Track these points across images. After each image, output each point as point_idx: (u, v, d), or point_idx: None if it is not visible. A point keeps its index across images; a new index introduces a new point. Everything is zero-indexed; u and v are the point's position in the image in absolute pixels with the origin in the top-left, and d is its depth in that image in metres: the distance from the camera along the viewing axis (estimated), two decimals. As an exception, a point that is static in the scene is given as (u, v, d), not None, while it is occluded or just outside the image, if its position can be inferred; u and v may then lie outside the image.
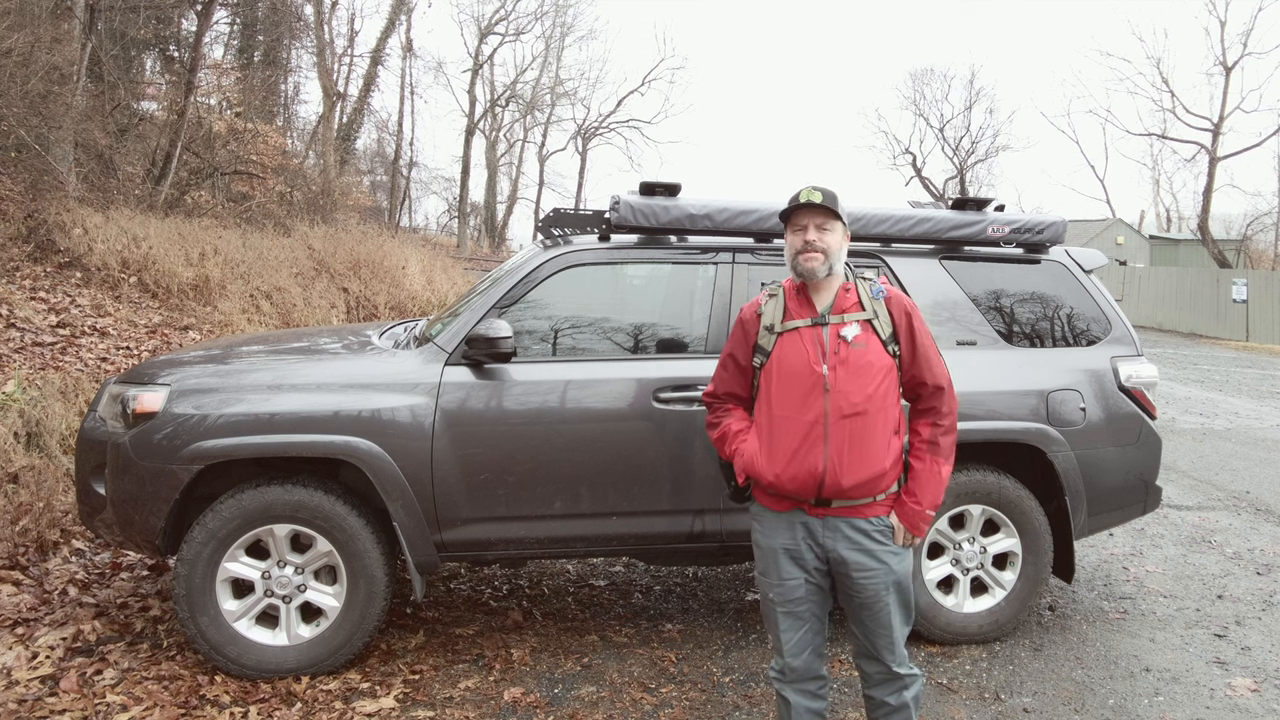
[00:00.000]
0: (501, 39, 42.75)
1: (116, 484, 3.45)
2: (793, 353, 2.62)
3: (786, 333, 2.65)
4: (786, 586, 2.66)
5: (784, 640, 2.69)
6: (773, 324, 2.68)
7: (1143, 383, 4.12)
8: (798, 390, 2.58)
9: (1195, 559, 5.33)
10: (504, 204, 47.83)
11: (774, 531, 2.68)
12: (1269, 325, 22.45)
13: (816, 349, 2.59)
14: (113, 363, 7.26)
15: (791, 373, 2.60)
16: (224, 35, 21.38)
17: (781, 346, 2.64)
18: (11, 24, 9.50)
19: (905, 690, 2.70)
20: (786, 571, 2.66)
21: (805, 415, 2.57)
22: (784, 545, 2.66)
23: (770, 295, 2.76)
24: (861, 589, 2.61)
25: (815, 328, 2.62)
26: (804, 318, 2.65)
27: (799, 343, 2.62)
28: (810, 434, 2.55)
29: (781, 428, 2.60)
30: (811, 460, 2.55)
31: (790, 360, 2.62)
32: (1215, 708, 3.53)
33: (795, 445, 2.57)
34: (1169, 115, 31.47)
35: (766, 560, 2.70)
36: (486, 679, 3.61)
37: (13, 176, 9.56)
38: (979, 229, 4.10)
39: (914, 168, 44.77)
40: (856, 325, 2.61)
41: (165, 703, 3.25)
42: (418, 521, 3.53)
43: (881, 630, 2.65)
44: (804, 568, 2.65)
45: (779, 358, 2.64)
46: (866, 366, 2.58)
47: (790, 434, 2.58)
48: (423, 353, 3.69)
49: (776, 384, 2.63)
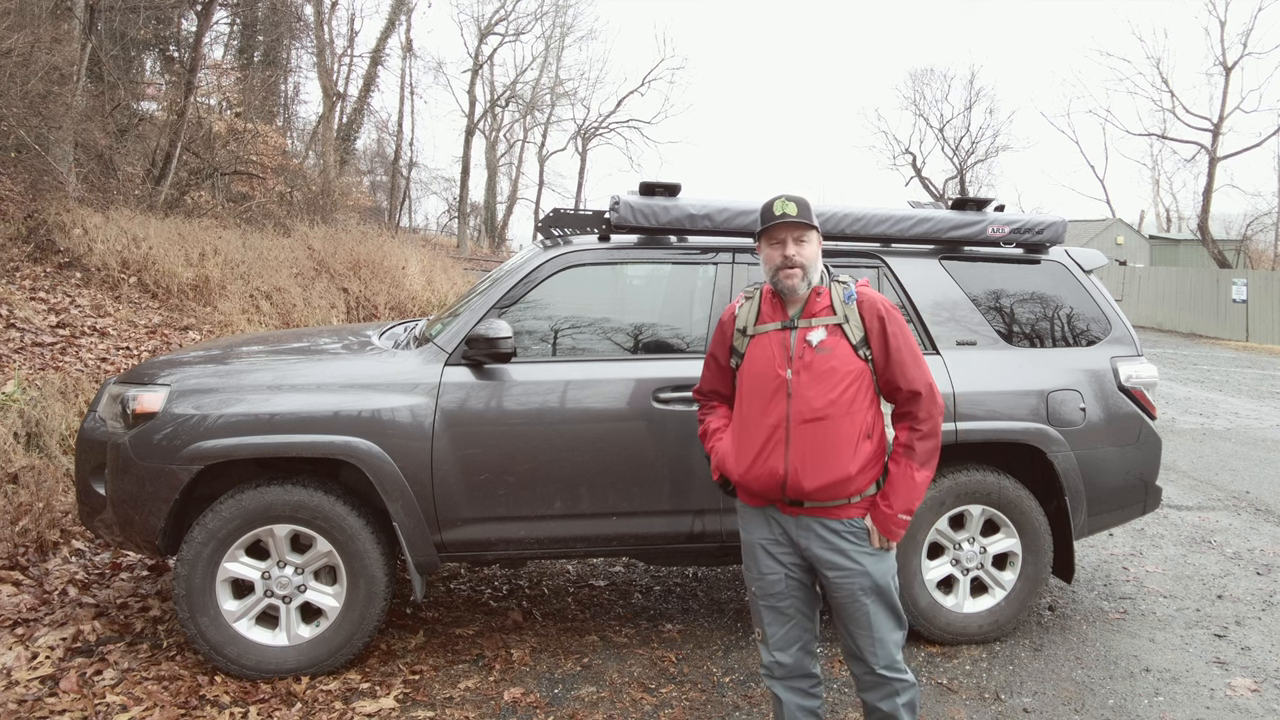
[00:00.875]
0: (501, 39, 42.78)
1: (116, 484, 3.45)
2: (760, 356, 2.66)
3: (757, 336, 2.69)
4: (766, 580, 2.71)
5: (769, 634, 2.73)
6: (745, 326, 2.73)
7: (1143, 383, 4.12)
8: (762, 393, 2.63)
9: (1195, 559, 5.33)
10: (504, 204, 47.88)
11: (752, 526, 2.75)
12: (1269, 325, 22.46)
13: (783, 353, 2.62)
14: (112, 363, 7.26)
15: (758, 376, 2.65)
16: (224, 35, 21.40)
17: (751, 350, 2.69)
18: (11, 24, 9.50)
19: (896, 697, 2.66)
20: (765, 565, 2.71)
21: (768, 419, 2.60)
22: (760, 540, 2.72)
23: (747, 297, 2.80)
24: (836, 588, 2.64)
25: (784, 331, 2.64)
26: (775, 321, 2.68)
27: (767, 346, 2.66)
28: (772, 437, 2.59)
29: (747, 430, 2.66)
30: (773, 463, 2.59)
31: (757, 364, 2.66)
32: (1215, 708, 3.53)
33: (758, 448, 2.62)
34: (1169, 115, 31.51)
35: (747, 554, 2.77)
36: (486, 679, 3.61)
37: (13, 176, 9.56)
38: (979, 229, 4.09)
39: (914, 168, 44.79)
40: (823, 330, 2.62)
41: (165, 703, 3.25)
42: (418, 522, 3.53)
43: (861, 631, 2.65)
44: (780, 562, 2.69)
45: (748, 361, 2.69)
46: (830, 372, 2.58)
47: (754, 436, 2.63)
48: (423, 353, 3.69)
49: (745, 386, 2.69)
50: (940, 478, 3.88)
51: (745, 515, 2.78)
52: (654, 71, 72.40)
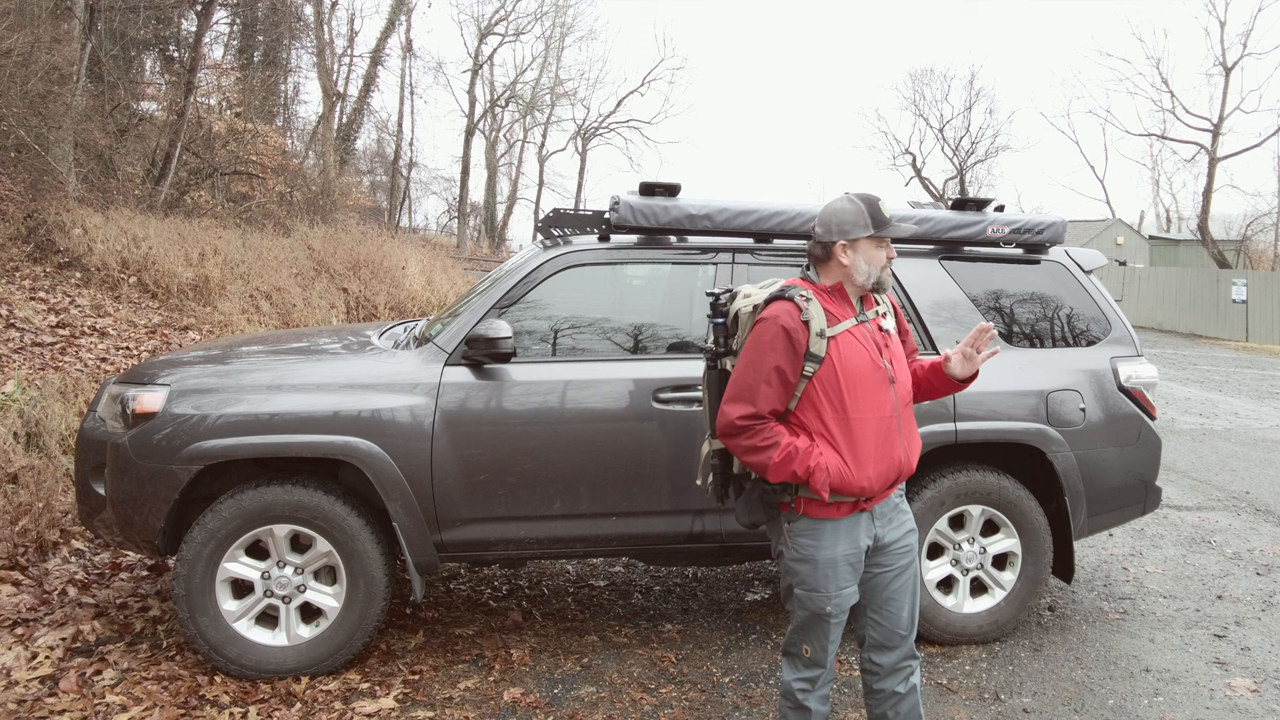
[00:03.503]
0: (501, 39, 42.75)
1: (116, 484, 3.45)
2: (854, 353, 2.56)
3: (838, 335, 2.57)
4: (844, 595, 2.59)
5: (830, 653, 2.64)
6: (821, 329, 2.56)
7: (1142, 383, 4.12)
8: (869, 388, 2.56)
9: (1195, 559, 5.33)
10: (504, 204, 47.85)
11: (834, 541, 2.57)
12: (1269, 325, 22.45)
13: (872, 345, 2.62)
14: (112, 363, 7.26)
15: (859, 373, 2.55)
16: (224, 35, 21.38)
17: (837, 349, 2.55)
18: (11, 24, 9.50)
19: (913, 675, 2.72)
20: (845, 580, 2.59)
21: (882, 411, 2.57)
22: (845, 553, 2.58)
23: (806, 300, 2.57)
24: (898, 563, 2.67)
25: (860, 325, 2.63)
26: (847, 318, 2.61)
27: (855, 342, 2.58)
28: (888, 428, 2.59)
29: (862, 430, 2.54)
30: (895, 453, 2.60)
31: (855, 360, 2.55)
32: (1215, 708, 3.53)
33: (879, 443, 2.56)
34: (1169, 116, 31.51)
35: (824, 573, 2.57)
36: (486, 679, 3.61)
37: (13, 176, 9.56)
38: (979, 229, 4.09)
39: (914, 168, 44.76)
40: (886, 317, 2.72)
41: (165, 703, 3.25)
42: (417, 522, 3.53)
43: (908, 603, 2.69)
44: (858, 571, 2.63)
45: (842, 360, 2.54)
46: (899, 354, 2.71)
47: (874, 434, 2.55)
48: (422, 353, 3.69)
49: (847, 387, 2.53)
50: (940, 478, 3.89)
51: (822, 532, 2.57)
52: (654, 71, 72.47)
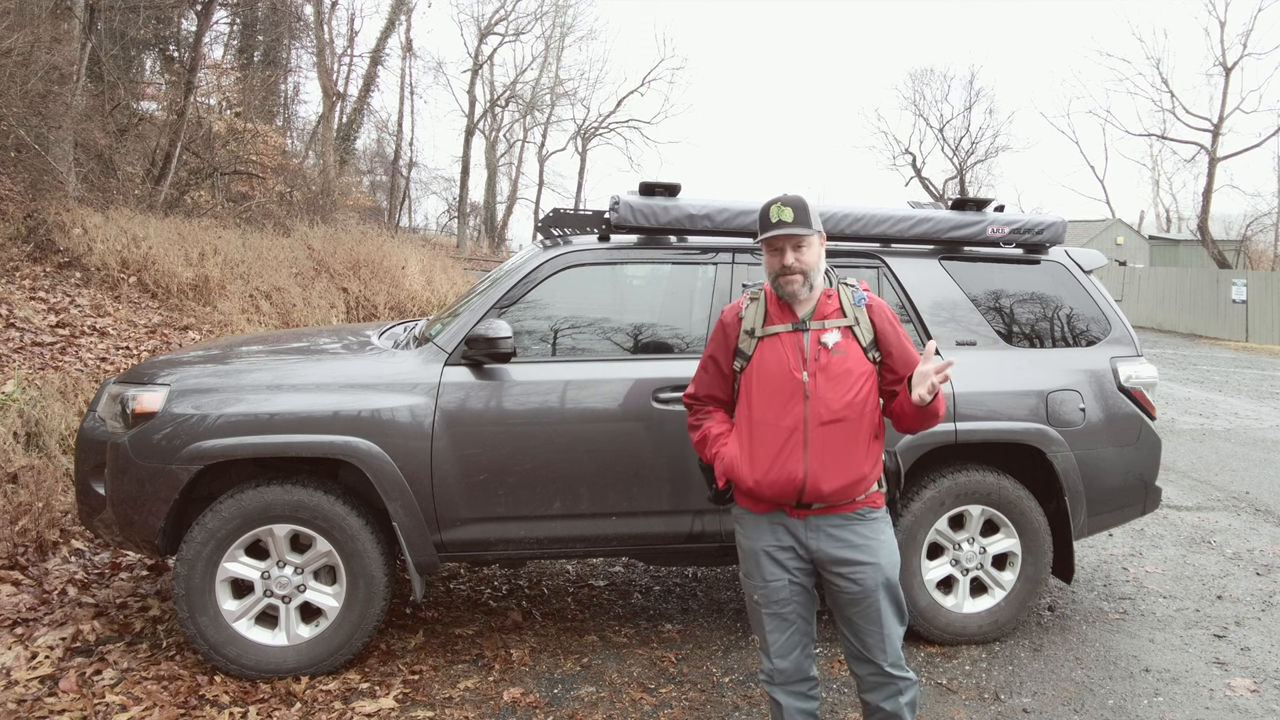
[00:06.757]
0: (501, 39, 42.76)
1: (116, 484, 3.45)
2: (773, 358, 2.62)
3: (767, 338, 2.64)
4: (771, 588, 2.65)
5: (770, 642, 2.68)
6: (753, 328, 2.67)
7: (1142, 383, 4.12)
8: (777, 396, 2.58)
9: (1195, 559, 5.33)
10: (504, 204, 47.85)
11: (755, 533, 2.68)
12: (1268, 325, 22.46)
13: (797, 355, 2.59)
14: (112, 363, 7.26)
15: (771, 378, 2.60)
16: (224, 35, 21.39)
17: (761, 352, 2.64)
18: (11, 24, 9.50)
19: (900, 696, 2.65)
20: (770, 573, 2.65)
21: (784, 421, 2.57)
22: (765, 547, 2.66)
23: (752, 298, 2.74)
24: (849, 586, 2.60)
25: (796, 333, 2.61)
26: (785, 323, 2.64)
27: (779, 348, 2.62)
28: (790, 440, 2.56)
29: (761, 433, 2.60)
30: (791, 467, 2.55)
31: (770, 366, 2.61)
32: (1215, 708, 3.53)
33: (775, 451, 2.57)
34: (1169, 116, 31.52)
35: (749, 562, 2.70)
36: (486, 679, 3.61)
37: (13, 176, 9.55)
38: (979, 229, 4.09)
39: (914, 168, 44.79)
40: (837, 332, 2.62)
41: (165, 703, 3.25)
42: (417, 521, 3.53)
43: (872, 628, 2.62)
44: (786, 568, 2.64)
45: (759, 363, 2.64)
46: (846, 374, 2.58)
47: (770, 440, 2.58)
48: (422, 353, 3.69)
49: (756, 389, 2.63)
50: (940, 478, 3.89)
51: (746, 522, 2.71)
52: (654, 71, 72.58)
